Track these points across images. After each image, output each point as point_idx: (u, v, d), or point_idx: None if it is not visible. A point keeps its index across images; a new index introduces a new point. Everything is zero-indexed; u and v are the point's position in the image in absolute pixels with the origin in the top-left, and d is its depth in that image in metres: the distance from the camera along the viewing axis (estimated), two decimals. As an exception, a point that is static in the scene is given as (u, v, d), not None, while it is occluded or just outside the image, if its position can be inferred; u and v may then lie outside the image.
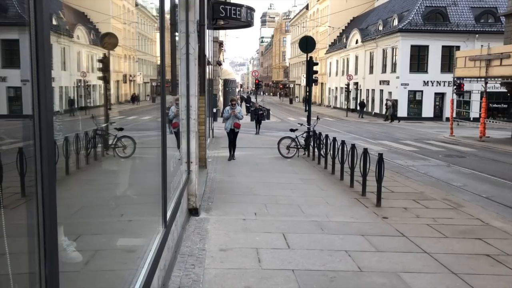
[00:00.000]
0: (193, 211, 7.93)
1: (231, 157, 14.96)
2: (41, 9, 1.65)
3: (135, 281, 3.67)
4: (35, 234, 1.75)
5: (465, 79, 26.84)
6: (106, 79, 3.81)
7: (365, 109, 44.28)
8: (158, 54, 8.35)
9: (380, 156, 9.04)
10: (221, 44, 38.67)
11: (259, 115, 25.12)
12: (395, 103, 38.69)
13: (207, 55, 14.86)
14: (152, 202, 5.23)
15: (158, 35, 8.02)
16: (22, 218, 1.94)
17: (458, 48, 36.50)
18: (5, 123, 2.04)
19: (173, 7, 6.94)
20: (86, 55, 3.48)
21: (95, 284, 3.15)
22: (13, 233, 1.83)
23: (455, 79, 27.06)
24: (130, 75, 5.67)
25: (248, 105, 44.89)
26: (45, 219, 1.73)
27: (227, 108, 14.98)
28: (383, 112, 40.27)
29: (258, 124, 24.75)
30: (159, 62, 8.11)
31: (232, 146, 15.06)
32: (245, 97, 61.01)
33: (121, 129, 4.74)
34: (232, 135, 14.90)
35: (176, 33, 7.51)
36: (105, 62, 3.74)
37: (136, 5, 6.07)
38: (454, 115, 28.18)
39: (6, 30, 1.90)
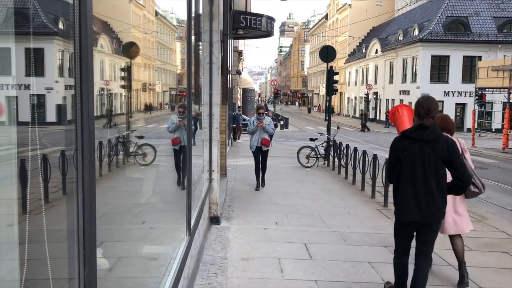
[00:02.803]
0: (214, 220, 7.94)
1: (259, 185, 11.33)
2: (86, 23, 1.70)
3: (161, 289, 3.69)
4: (75, 239, 1.78)
5: (487, 89, 26.50)
6: (127, 88, 3.86)
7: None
8: (178, 63, 8.44)
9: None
10: (240, 53, 38.90)
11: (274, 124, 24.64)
12: (366, 113, 40.25)
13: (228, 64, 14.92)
14: (176, 210, 5.25)
15: (178, 44, 8.11)
16: (63, 222, 1.98)
17: (480, 58, 36.06)
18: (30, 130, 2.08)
19: (197, 16, 7.02)
20: (109, 64, 3.53)
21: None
22: (53, 238, 1.86)
23: (477, 89, 26.74)
24: (150, 84, 5.73)
25: (266, 112, 45.01)
26: (85, 224, 1.76)
27: (252, 119, 11.37)
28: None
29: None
30: (178, 71, 8.18)
31: (261, 170, 11.34)
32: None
33: (141, 137, 4.79)
34: (260, 154, 11.15)
35: (200, 43, 7.60)
36: (127, 70, 3.78)
37: (156, 14, 6.15)
38: (476, 126, 27.78)
39: (32, 39, 1.94)
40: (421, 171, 4.28)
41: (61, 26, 2.14)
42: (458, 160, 4.26)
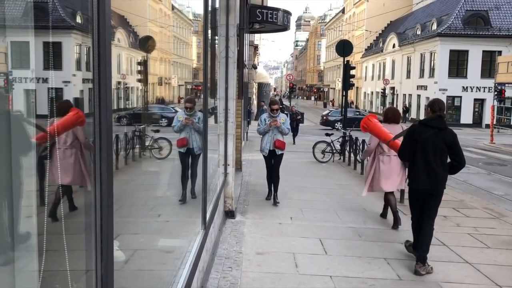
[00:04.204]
0: (229, 214, 7.96)
1: (273, 198, 9.18)
2: (104, 17, 1.70)
3: (176, 282, 3.71)
4: (92, 231, 1.80)
5: (507, 85, 26.05)
6: (144, 82, 3.87)
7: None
8: (194, 57, 8.44)
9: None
10: (256, 47, 38.84)
11: (297, 121, 22.19)
12: (357, 107, 39.86)
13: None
14: (192, 203, 5.27)
15: (194, 38, 8.12)
16: (80, 215, 2.00)
17: (499, 53, 35.46)
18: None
19: (213, 10, 7.01)
20: (126, 58, 3.55)
21: (143, 284, 3.20)
22: (71, 230, 1.88)
23: (496, 84, 26.30)
24: (165, 78, 5.73)
25: (281, 107, 44.77)
26: (102, 216, 1.77)
27: (264, 116, 9.03)
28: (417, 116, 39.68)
29: (295, 132, 21.54)
30: (194, 65, 8.18)
31: (274, 182, 9.21)
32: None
33: (157, 131, 4.81)
34: (273, 159, 9.02)
35: (216, 37, 7.59)
36: (143, 64, 3.80)
37: (173, 9, 6.15)
38: (495, 122, 27.35)
39: (50, 33, 1.96)
40: (432, 151, 5.55)
41: (79, 20, 2.15)
42: (458, 147, 5.61)
